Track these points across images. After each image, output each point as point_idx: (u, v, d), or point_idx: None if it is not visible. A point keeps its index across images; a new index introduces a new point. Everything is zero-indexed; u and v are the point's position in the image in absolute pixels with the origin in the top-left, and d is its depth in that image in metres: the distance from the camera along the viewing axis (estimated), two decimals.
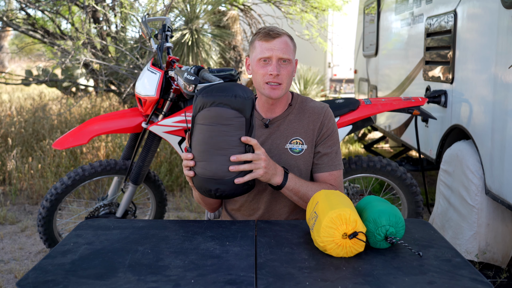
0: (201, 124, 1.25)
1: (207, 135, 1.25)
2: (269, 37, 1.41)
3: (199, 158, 1.26)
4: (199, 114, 1.25)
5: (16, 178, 3.88)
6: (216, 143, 1.24)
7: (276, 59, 1.40)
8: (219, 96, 1.23)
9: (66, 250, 1.13)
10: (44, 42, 5.88)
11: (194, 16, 5.01)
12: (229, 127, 1.24)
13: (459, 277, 0.99)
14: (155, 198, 2.71)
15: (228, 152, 1.24)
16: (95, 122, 2.41)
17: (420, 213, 2.58)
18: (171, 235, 1.21)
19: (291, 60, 1.42)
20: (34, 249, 2.86)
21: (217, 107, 1.23)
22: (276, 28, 1.44)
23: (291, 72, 1.43)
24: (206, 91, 1.25)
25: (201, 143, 1.25)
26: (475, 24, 2.39)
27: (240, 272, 1.00)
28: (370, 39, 4.61)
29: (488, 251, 2.27)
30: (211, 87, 1.27)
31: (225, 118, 1.23)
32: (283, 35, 1.42)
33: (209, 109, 1.23)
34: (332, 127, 1.49)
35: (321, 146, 1.48)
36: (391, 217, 1.12)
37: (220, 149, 1.24)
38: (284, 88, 1.43)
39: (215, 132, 1.24)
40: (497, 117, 2.11)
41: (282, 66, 1.41)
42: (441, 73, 2.78)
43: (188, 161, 1.27)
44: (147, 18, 2.48)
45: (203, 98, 1.24)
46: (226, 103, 1.23)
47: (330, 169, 1.47)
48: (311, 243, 1.16)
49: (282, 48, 1.40)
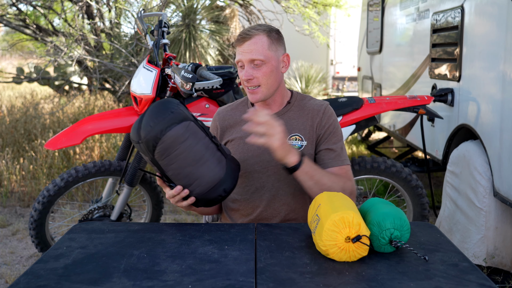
0: (166, 157, 1.24)
1: (180, 160, 1.24)
2: (240, 41, 1.41)
3: (188, 182, 1.27)
4: (156, 152, 1.23)
5: (7, 180, 3.85)
6: (192, 160, 1.25)
7: (247, 62, 1.39)
8: (161, 123, 1.21)
9: (58, 254, 1.11)
10: (36, 38, 5.79)
11: (191, 11, 4.94)
12: (190, 139, 1.25)
13: (467, 282, 0.97)
14: (151, 201, 2.68)
15: (207, 156, 1.27)
16: (89, 121, 2.38)
17: (426, 216, 2.56)
18: (168, 239, 1.20)
19: (265, 60, 1.39)
20: (25, 253, 2.83)
21: (167, 133, 1.22)
22: (250, 29, 1.41)
23: (268, 72, 1.40)
24: (143, 128, 1.22)
25: (180, 170, 1.25)
26: (483, 20, 2.38)
27: (239, 277, 0.99)
28: (374, 35, 4.60)
29: (496, 255, 2.24)
30: (137, 125, 1.24)
31: (181, 135, 1.23)
32: (254, 36, 1.39)
33: (163, 141, 1.22)
34: (333, 123, 1.48)
35: (326, 143, 1.47)
36: (396, 220, 1.09)
37: (199, 161, 1.26)
38: (265, 90, 1.41)
39: (183, 153, 1.24)
40: (506, 116, 2.09)
41: (256, 69, 1.39)
42: (448, 70, 2.76)
43: (180, 193, 1.28)
44: (142, 14, 2.47)
45: (147, 137, 1.21)
46: (171, 123, 1.22)
47: (338, 164, 1.46)
48: (313, 247, 1.14)
49: (252, 49, 1.38)
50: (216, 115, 1.57)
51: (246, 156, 1.47)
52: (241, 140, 1.49)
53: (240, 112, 1.53)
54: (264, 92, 1.41)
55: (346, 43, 7.44)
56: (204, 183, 1.27)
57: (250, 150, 1.46)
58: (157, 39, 2.35)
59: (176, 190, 1.27)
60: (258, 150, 1.45)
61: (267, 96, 1.43)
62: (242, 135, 1.49)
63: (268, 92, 1.42)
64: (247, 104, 1.55)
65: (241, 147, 1.48)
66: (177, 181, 1.27)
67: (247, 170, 1.47)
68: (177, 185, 1.27)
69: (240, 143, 1.49)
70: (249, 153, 1.47)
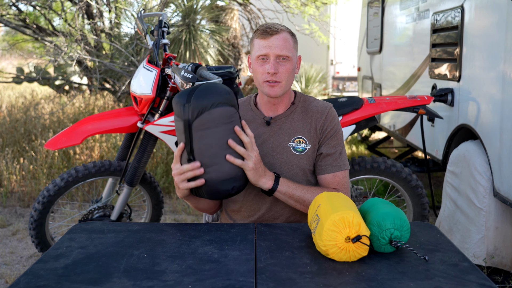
0: (204, 129, 1.24)
1: (214, 138, 1.24)
2: (266, 34, 1.39)
3: (209, 163, 1.26)
4: (198, 119, 1.23)
5: (7, 180, 3.84)
6: (224, 143, 1.25)
7: (274, 57, 1.39)
8: (216, 97, 1.24)
9: (58, 254, 1.11)
10: (36, 38, 5.78)
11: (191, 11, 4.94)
12: (232, 124, 1.26)
13: (467, 282, 0.98)
14: (151, 200, 2.67)
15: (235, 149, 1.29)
16: (89, 121, 2.38)
17: (426, 216, 2.56)
18: (168, 239, 1.20)
19: (291, 57, 1.41)
20: (25, 253, 2.82)
21: (217, 107, 1.23)
22: (275, 25, 1.42)
23: (291, 70, 1.41)
24: (197, 94, 1.23)
25: (209, 147, 1.25)
26: (483, 20, 2.38)
27: (239, 277, 0.99)
28: (374, 35, 4.60)
29: (496, 255, 2.24)
30: (195, 89, 1.25)
31: (227, 116, 1.25)
32: (281, 32, 1.40)
33: (210, 112, 1.23)
34: (335, 126, 1.47)
35: (324, 146, 1.46)
36: (396, 220, 1.10)
37: (228, 148, 1.26)
38: (284, 86, 1.42)
39: (221, 133, 1.25)
40: (506, 116, 2.09)
41: (281, 64, 1.40)
42: (448, 70, 2.76)
43: (195, 170, 1.25)
44: (142, 14, 2.46)
45: (198, 102, 1.22)
46: (224, 102, 1.24)
47: (334, 170, 1.46)
48: (313, 247, 1.14)
49: (280, 45, 1.38)
50: None
51: None
52: None
53: (243, 111, 1.52)
54: (283, 88, 1.41)
55: (346, 43, 7.43)
56: (222, 171, 1.26)
57: None
58: (157, 39, 2.35)
59: (192, 164, 1.25)
60: (262, 152, 1.44)
61: (284, 92, 1.43)
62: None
63: (286, 89, 1.43)
64: (250, 104, 1.53)
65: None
66: (200, 157, 1.25)
67: None
68: (195, 159, 1.25)
69: None
70: None
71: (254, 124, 1.48)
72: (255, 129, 1.47)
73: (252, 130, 1.44)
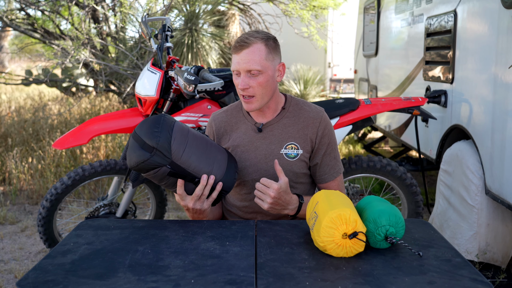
0: (183, 152, 1.27)
1: (195, 148, 1.29)
2: (237, 48, 1.37)
3: (210, 168, 1.31)
4: (173, 153, 1.24)
5: (16, 178, 3.88)
6: (204, 144, 1.32)
7: (244, 72, 1.37)
8: (162, 126, 1.26)
9: (66, 250, 1.12)
10: (44, 42, 5.88)
11: (193, 16, 5.01)
12: (190, 129, 1.33)
13: (459, 277, 0.99)
14: (155, 198, 2.70)
15: (209, 140, 1.37)
16: (95, 122, 2.40)
17: (420, 213, 2.58)
18: (171, 235, 1.21)
19: (262, 70, 1.36)
20: (34, 249, 2.85)
21: (174, 128, 1.28)
22: (248, 37, 1.36)
23: (264, 82, 1.37)
24: (152, 138, 1.23)
25: (199, 158, 1.29)
26: (475, 24, 2.38)
27: (240, 272, 1.00)
28: (370, 39, 4.61)
29: (488, 251, 2.26)
30: (140, 143, 1.23)
31: (184, 127, 1.32)
32: (253, 44, 1.35)
33: (174, 137, 1.26)
34: (329, 133, 1.48)
35: (321, 155, 1.48)
36: (391, 217, 1.12)
37: (207, 143, 1.34)
38: (260, 99, 1.40)
39: (195, 140, 1.31)
40: (497, 117, 2.10)
41: (252, 78, 1.37)
42: (441, 73, 2.78)
43: (209, 181, 1.30)
44: (147, 18, 2.48)
45: (160, 141, 1.23)
46: (169, 123, 1.29)
47: (334, 176, 1.50)
48: (311, 243, 1.16)
49: (249, 60, 1.35)
50: (212, 121, 1.55)
51: (243, 165, 1.46)
52: (238, 149, 1.47)
53: (234, 118, 1.51)
54: (259, 102, 1.40)
55: (343, 46, 7.48)
56: (221, 163, 1.31)
57: (248, 159, 1.46)
58: (160, 42, 2.37)
59: (203, 180, 1.27)
60: (255, 159, 1.45)
61: (261, 105, 1.41)
62: (238, 144, 1.47)
63: (263, 101, 1.41)
64: (241, 110, 1.52)
65: (238, 156, 1.47)
66: (200, 169, 1.28)
67: (245, 178, 1.46)
68: (201, 176, 1.28)
69: (237, 152, 1.47)
70: (246, 162, 1.46)
71: (246, 131, 1.48)
72: (247, 136, 1.47)
73: (245, 137, 1.45)
